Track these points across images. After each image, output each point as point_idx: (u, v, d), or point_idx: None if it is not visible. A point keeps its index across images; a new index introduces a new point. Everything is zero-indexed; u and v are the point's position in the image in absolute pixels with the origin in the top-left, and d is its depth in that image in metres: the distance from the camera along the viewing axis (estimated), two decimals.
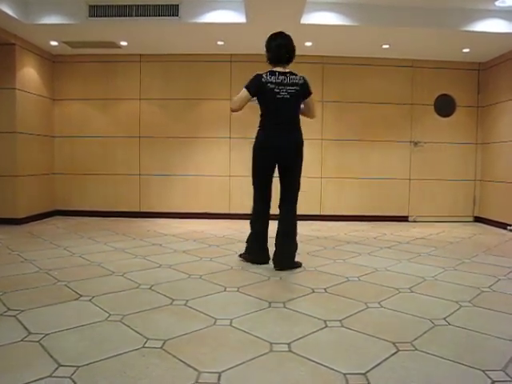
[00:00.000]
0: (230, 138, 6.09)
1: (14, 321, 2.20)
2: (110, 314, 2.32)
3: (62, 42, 5.53)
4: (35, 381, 1.61)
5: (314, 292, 2.79)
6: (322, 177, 6.21)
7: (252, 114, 6.23)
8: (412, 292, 2.81)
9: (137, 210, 6.23)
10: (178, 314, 2.36)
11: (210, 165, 6.16)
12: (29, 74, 5.56)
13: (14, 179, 5.34)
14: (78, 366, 1.73)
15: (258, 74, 3.42)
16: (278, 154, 3.37)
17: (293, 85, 3.41)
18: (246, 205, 6.17)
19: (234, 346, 1.96)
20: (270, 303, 2.55)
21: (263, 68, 6.04)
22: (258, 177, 3.49)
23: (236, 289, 2.83)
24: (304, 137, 6.77)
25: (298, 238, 4.76)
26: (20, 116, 5.35)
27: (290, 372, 1.72)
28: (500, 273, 3.32)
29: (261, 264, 3.50)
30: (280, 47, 3.48)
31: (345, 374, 1.70)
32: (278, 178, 3.47)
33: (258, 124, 3.47)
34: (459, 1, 4.63)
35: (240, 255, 3.72)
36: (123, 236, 4.71)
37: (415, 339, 2.04)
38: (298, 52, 5.92)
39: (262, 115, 3.44)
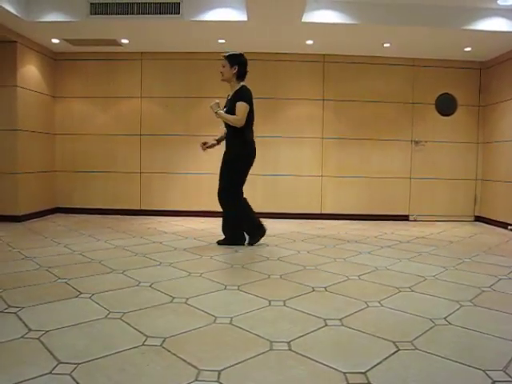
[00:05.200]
0: None
1: (14, 318, 2.20)
2: (110, 312, 2.32)
3: (64, 40, 5.53)
4: (35, 378, 1.61)
5: (314, 290, 2.79)
6: (323, 175, 6.20)
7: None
8: (412, 291, 2.81)
9: (137, 207, 6.23)
10: (177, 311, 2.36)
11: (211, 163, 6.12)
12: (30, 71, 5.56)
13: (15, 176, 5.34)
14: (78, 363, 1.73)
15: (249, 88, 3.97)
16: None
17: None
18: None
19: (234, 345, 1.96)
20: (270, 301, 2.54)
21: (264, 66, 6.08)
22: (244, 179, 4.09)
23: (236, 287, 2.83)
24: (305, 135, 6.80)
25: (298, 237, 4.78)
26: (21, 113, 5.35)
27: (290, 371, 1.72)
28: (501, 272, 3.32)
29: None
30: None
31: (345, 373, 1.70)
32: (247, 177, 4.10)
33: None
34: None
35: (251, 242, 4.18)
36: (124, 234, 4.71)
37: (416, 338, 2.04)
38: (299, 50, 6.00)
39: (245, 126, 3.92)
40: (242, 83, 3.99)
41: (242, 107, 3.85)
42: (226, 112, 3.95)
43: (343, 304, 2.53)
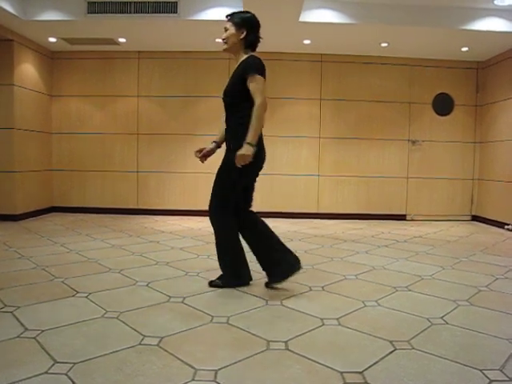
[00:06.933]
0: None
1: (10, 317, 2.19)
2: (107, 311, 2.31)
3: (61, 39, 5.50)
4: (31, 377, 1.61)
5: (311, 290, 2.79)
6: (320, 175, 6.20)
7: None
8: (409, 290, 2.81)
9: (134, 206, 6.21)
10: (174, 311, 2.36)
11: (208, 162, 6.13)
12: (27, 70, 5.54)
13: (12, 175, 5.32)
14: (75, 363, 1.73)
15: (259, 57, 2.79)
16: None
17: None
18: None
19: (231, 344, 1.95)
20: (267, 301, 2.54)
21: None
22: (238, 191, 2.83)
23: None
24: (302, 135, 6.75)
25: (295, 236, 4.77)
26: (18, 112, 5.33)
27: (287, 370, 1.72)
28: (498, 272, 3.33)
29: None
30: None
31: (341, 373, 1.70)
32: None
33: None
34: None
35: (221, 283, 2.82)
36: (120, 233, 4.70)
37: (412, 338, 2.04)
38: (296, 50, 6.00)
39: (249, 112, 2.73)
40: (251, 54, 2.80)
41: (254, 83, 2.70)
42: (226, 91, 2.82)
43: (340, 303, 2.54)
